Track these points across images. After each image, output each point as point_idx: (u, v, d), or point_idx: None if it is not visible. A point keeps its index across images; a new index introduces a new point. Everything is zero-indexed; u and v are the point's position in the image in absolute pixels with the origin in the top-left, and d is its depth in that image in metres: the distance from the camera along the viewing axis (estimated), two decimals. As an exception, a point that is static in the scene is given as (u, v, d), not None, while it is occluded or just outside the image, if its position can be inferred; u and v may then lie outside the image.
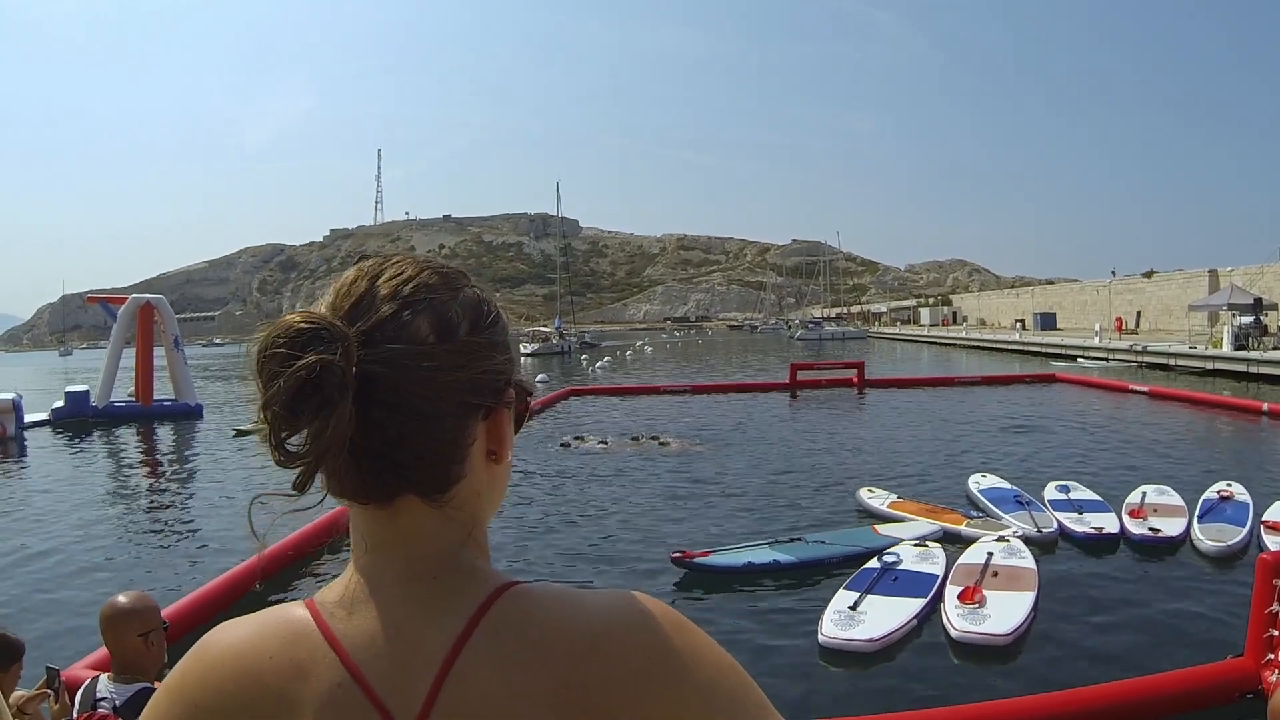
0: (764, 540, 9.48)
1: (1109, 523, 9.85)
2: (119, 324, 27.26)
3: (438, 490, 0.83)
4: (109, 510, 13.36)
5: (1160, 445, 16.30)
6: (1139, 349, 36.90)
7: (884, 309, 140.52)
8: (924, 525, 9.94)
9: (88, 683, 3.18)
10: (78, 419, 25.41)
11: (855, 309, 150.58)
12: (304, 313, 0.80)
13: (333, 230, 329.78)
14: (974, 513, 10.55)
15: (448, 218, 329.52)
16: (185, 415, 26.62)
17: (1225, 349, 31.72)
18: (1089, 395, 26.42)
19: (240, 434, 21.57)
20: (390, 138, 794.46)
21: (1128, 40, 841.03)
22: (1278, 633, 5.37)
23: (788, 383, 30.63)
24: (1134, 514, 10.04)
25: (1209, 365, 31.57)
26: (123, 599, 3.20)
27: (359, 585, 0.83)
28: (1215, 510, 10.11)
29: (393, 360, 0.80)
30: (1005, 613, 7.00)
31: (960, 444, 17.21)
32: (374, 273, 0.86)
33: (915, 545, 8.90)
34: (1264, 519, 9.64)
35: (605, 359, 56.86)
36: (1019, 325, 68.21)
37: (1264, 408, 19.64)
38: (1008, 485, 11.74)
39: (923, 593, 7.57)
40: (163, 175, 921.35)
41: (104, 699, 3.07)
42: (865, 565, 8.30)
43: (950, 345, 65.57)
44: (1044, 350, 47.22)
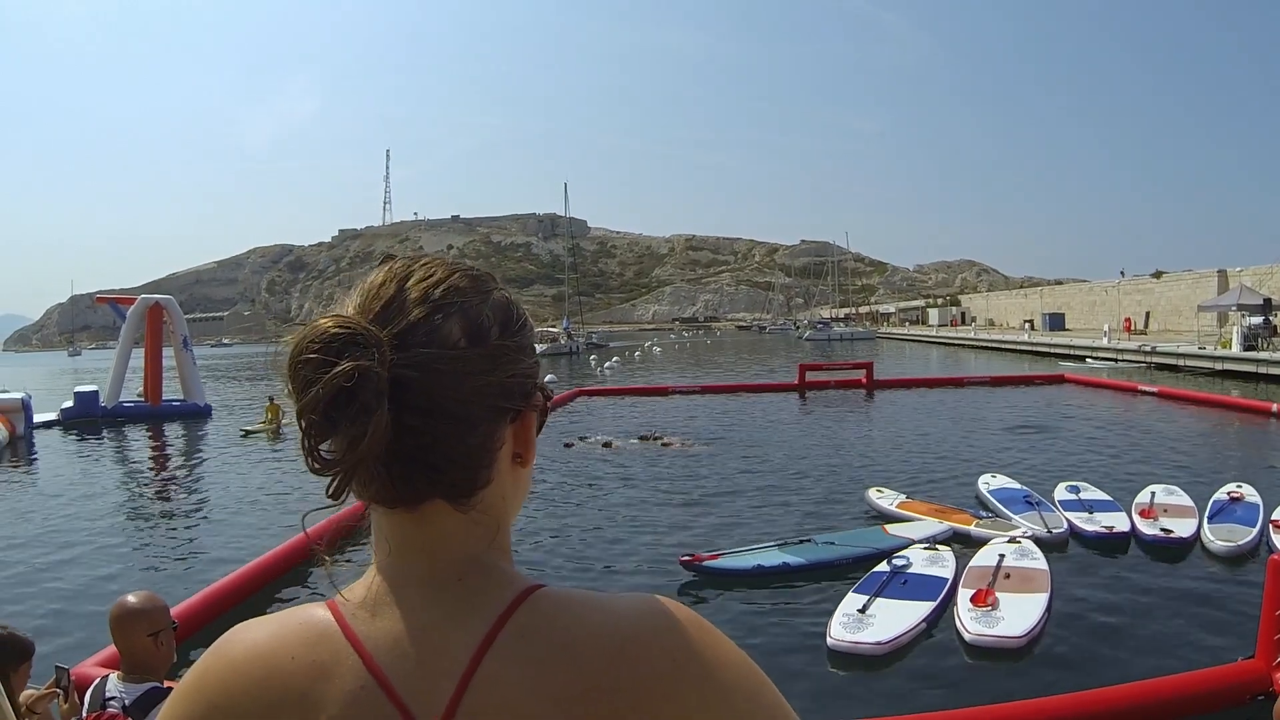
0: (773, 542, 9.47)
1: (1119, 522, 9.83)
2: (128, 324, 27.40)
3: (465, 495, 0.82)
4: (118, 510, 13.41)
5: (1169, 446, 16.25)
6: (1148, 350, 36.78)
7: (892, 309, 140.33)
8: (933, 526, 9.92)
9: (97, 682, 3.18)
10: (87, 419, 25.53)
11: (864, 309, 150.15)
12: (335, 316, 0.79)
13: (341, 230, 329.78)
14: (983, 513, 10.52)
15: (456, 218, 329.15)
16: (194, 415, 26.74)
17: (1234, 350, 31.61)
18: (1098, 396, 26.36)
19: (248, 434, 21.65)
20: (398, 138, 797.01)
21: (1136, 39, 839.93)
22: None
23: (796, 383, 30.62)
24: (1144, 514, 10.01)
25: (1218, 366, 31.47)
26: (132, 599, 3.20)
27: (382, 587, 0.82)
28: (1225, 511, 10.07)
29: (425, 365, 0.79)
30: (1019, 615, 6.98)
31: (969, 444, 17.20)
32: (403, 275, 0.85)
33: (925, 548, 8.88)
34: (1274, 519, 9.61)
35: (614, 359, 56.82)
36: (1027, 326, 68.07)
37: (1273, 408, 19.57)
38: (1017, 485, 11.70)
39: (932, 596, 7.54)
40: (171, 176, 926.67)
41: (113, 698, 3.07)
42: (875, 568, 8.28)
43: (959, 346, 65.39)
44: (1053, 351, 47.08)
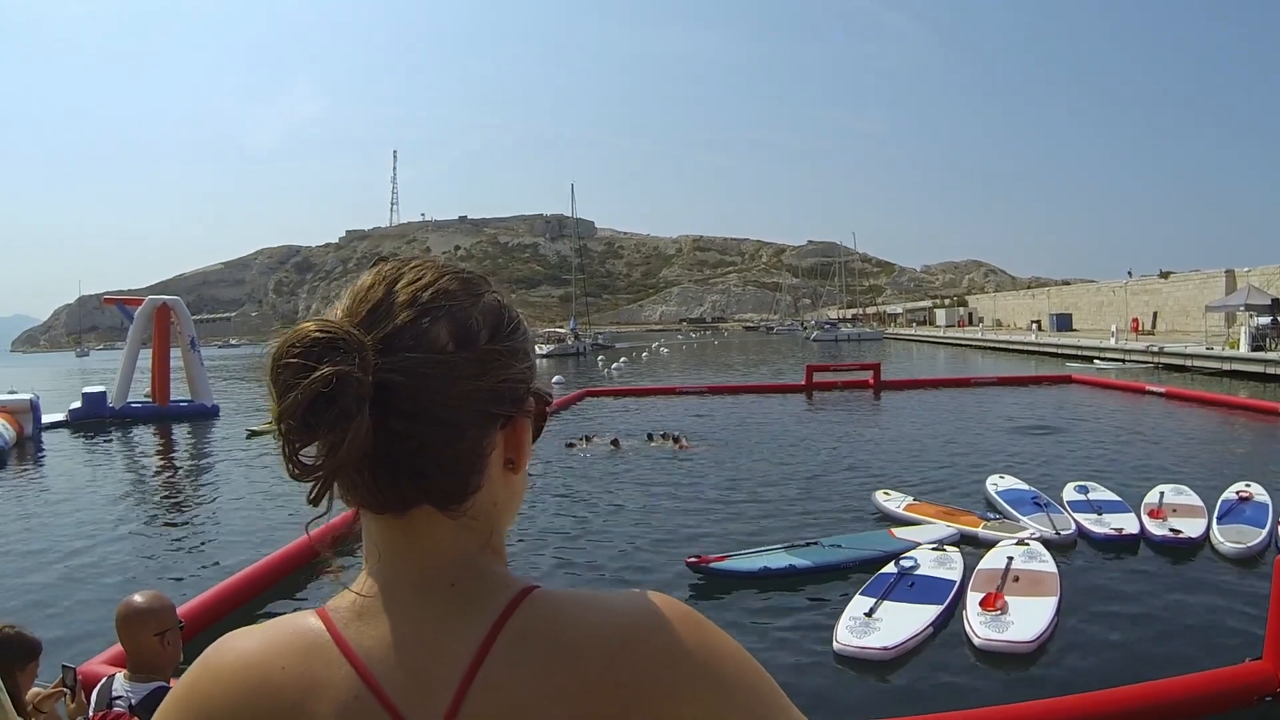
0: (779, 544, 9.43)
1: (1129, 523, 9.78)
2: (136, 325, 27.46)
3: (455, 501, 0.81)
4: (125, 510, 13.44)
5: (1177, 446, 16.20)
6: (1155, 350, 36.65)
7: (899, 310, 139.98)
8: (941, 528, 9.87)
9: (103, 681, 3.19)
10: (95, 419, 25.60)
11: (871, 310, 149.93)
12: (319, 320, 0.78)
13: (348, 231, 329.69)
14: (991, 515, 10.48)
15: (463, 219, 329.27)
16: (201, 416, 26.79)
17: (1242, 350, 31.48)
18: (1105, 396, 26.27)
19: (254, 434, 21.69)
20: (405, 139, 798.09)
21: (1142, 39, 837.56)
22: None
23: (803, 384, 30.55)
24: (1153, 514, 9.97)
25: (1226, 366, 31.33)
26: (138, 599, 3.21)
27: (374, 593, 0.81)
28: (1234, 511, 10.02)
29: (411, 369, 0.78)
30: (1028, 619, 6.92)
31: (977, 445, 17.15)
32: (392, 278, 0.83)
33: (932, 550, 8.83)
34: (1283, 520, 9.55)
35: (621, 360, 56.87)
36: (1035, 326, 67.88)
37: (1282, 408, 19.47)
38: (1025, 487, 11.66)
39: (940, 599, 7.49)
40: (178, 177, 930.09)
41: (119, 697, 3.07)
42: (881, 570, 8.23)
43: (966, 346, 65.23)
44: (1060, 351, 46.95)
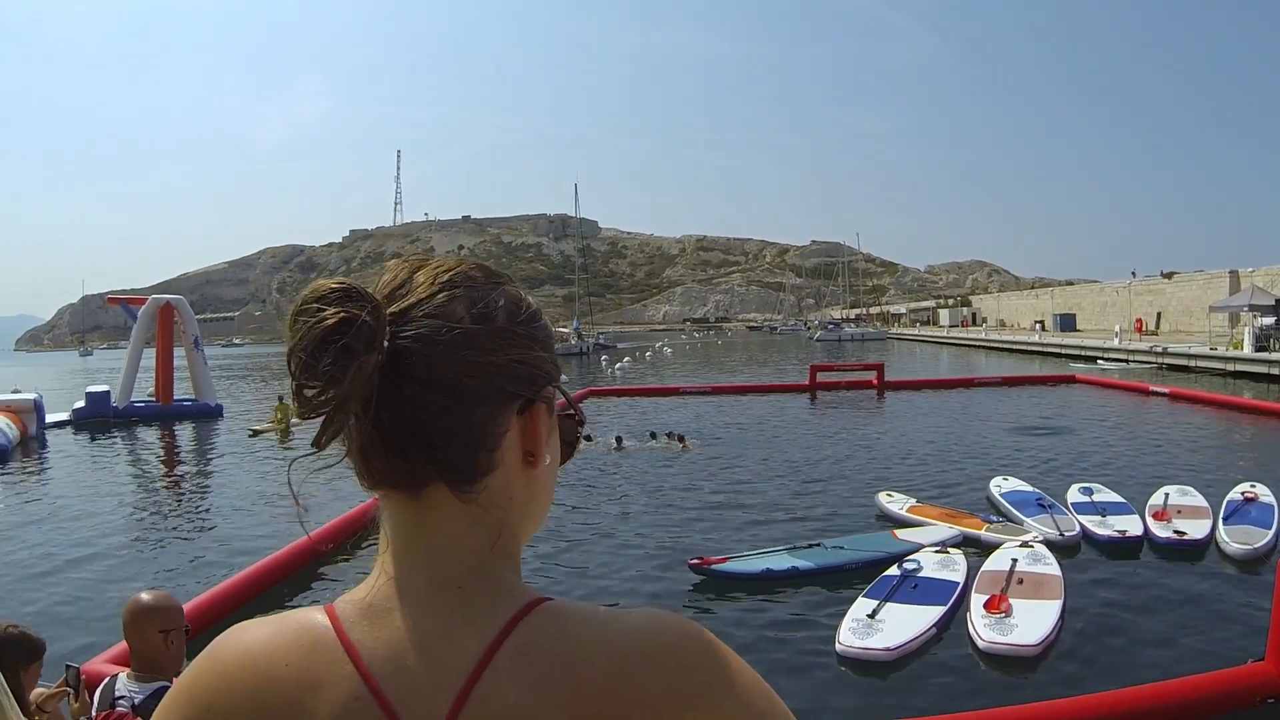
0: (782, 546, 9.42)
1: (1133, 525, 9.76)
2: (139, 324, 27.48)
3: (466, 477, 0.81)
4: (129, 509, 13.45)
5: (1181, 447, 16.18)
6: (1159, 350, 36.65)
7: (903, 310, 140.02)
8: (944, 530, 9.86)
9: (106, 681, 3.21)
10: (98, 419, 25.59)
11: (874, 310, 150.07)
12: (339, 279, 0.80)
13: (352, 231, 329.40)
14: (994, 517, 10.46)
15: (467, 218, 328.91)
16: (205, 415, 26.78)
17: (1246, 350, 31.46)
18: (1109, 397, 26.26)
19: (256, 434, 21.70)
20: (408, 138, 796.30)
21: (1146, 39, 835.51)
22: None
23: (807, 384, 30.57)
24: (1157, 516, 9.94)
25: (1230, 367, 31.33)
26: (146, 596, 3.25)
27: (383, 592, 0.81)
28: (1240, 512, 10.01)
29: (426, 337, 0.79)
30: (1033, 622, 6.91)
31: (980, 446, 17.15)
32: (415, 266, 0.86)
33: (936, 552, 8.82)
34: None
35: (625, 359, 56.88)
36: (1038, 326, 67.94)
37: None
38: (1029, 488, 11.64)
39: (943, 601, 7.48)
40: (182, 176, 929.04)
41: (122, 697, 3.09)
42: (885, 572, 8.22)
43: (970, 346, 65.23)
44: (1064, 352, 46.96)
